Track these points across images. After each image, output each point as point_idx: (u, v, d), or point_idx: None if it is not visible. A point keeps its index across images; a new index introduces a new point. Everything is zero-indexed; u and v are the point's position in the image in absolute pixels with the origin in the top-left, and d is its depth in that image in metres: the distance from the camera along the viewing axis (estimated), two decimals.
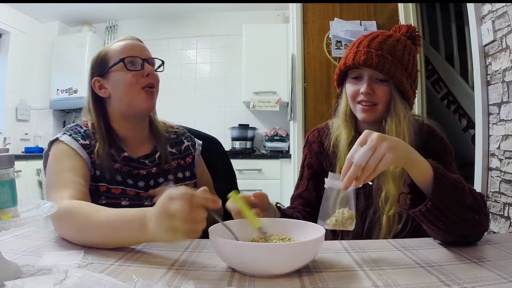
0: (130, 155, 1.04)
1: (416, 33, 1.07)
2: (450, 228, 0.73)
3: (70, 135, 0.99)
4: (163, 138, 1.12)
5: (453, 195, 0.71)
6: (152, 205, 0.96)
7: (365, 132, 0.72)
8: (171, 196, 0.64)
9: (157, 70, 1.08)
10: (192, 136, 1.24)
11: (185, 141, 1.19)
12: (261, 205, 0.84)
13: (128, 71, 1.00)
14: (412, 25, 1.08)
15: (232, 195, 0.77)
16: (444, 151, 1.01)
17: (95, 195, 0.96)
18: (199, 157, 1.20)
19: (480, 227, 0.77)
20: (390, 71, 0.97)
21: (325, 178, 0.76)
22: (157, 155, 1.09)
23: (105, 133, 1.02)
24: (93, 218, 0.75)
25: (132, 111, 1.03)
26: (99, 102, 1.06)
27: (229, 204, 0.80)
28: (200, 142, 1.24)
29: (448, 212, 0.71)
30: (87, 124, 1.06)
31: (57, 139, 0.99)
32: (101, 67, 1.05)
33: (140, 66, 1.02)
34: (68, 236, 0.79)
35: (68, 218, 0.77)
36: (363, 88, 0.99)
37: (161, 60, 1.10)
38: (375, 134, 0.70)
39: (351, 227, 0.73)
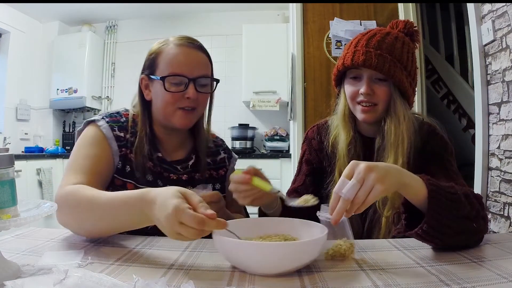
0: (164, 157, 1.02)
1: (414, 29, 1.05)
2: (448, 242, 0.72)
3: (108, 122, 0.97)
4: (203, 147, 1.09)
5: (449, 210, 0.69)
6: None
7: (352, 163, 0.68)
8: (180, 219, 0.59)
9: (204, 92, 1.00)
10: (229, 148, 1.21)
11: (222, 152, 1.16)
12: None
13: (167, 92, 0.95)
14: (410, 20, 1.06)
15: (236, 171, 0.83)
16: (445, 150, 1.01)
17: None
18: (232, 171, 1.14)
19: (479, 233, 0.76)
20: (390, 71, 0.95)
21: (317, 211, 0.74)
22: (190, 162, 1.06)
23: (148, 131, 1.00)
24: (97, 198, 0.75)
25: (168, 124, 1.00)
26: (144, 100, 1.03)
27: (231, 176, 0.83)
28: (236, 156, 1.20)
29: (445, 229, 0.69)
30: (127, 114, 1.03)
31: (94, 121, 0.97)
32: (150, 68, 1.00)
33: (183, 87, 0.95)
34: (70, 219, 0.78)
35: (72, 200, 0.76)
36: (362, 88, 0.98)
37: (215, 79, 1.03)
38: (362, 165, 0.66)
39: (353, 255, 0.70)
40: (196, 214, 0.59)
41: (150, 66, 0.99)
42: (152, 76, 0.98)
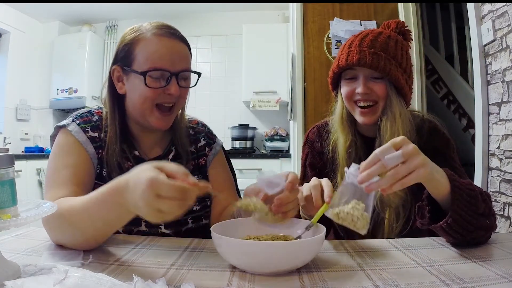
0: (141, 155, 0.96)
1: (406, 28, 1.05)
2: (467, 237, 0.73)
3: (79, 124, 0.91)
4: (183, 138, 1.02)
5: (469, 206, 0.71)
6: None
7: (403, 139, 0.67)
8: (158, 192, 0.54)
9: (186, 86, 0.93)
10: (213, 134, 1.12)
11: (201, 139, 1.07)
12: None
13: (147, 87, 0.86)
14: (401, 20, 1.07)
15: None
16: (447, 148, 1.01)
17: None
18: (214, 157, 1.07)
19: (491, 229, 0.77)
20: (385, 68, 0.95)
21: (345, 168, 0.72)
22: (170, 156, 1.00)
23: (119, 129, 0.92)
24: (73, 206, 0.69)
25: (143, 122, 0.93)
26: (115, 94, 0.94)
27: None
28: (221, 142, 1.12)
29: (466, 224, 0.71)
30: (100, 112, 0.96)
31: (64, 126, 0.90)
32: (124, 59, 0.90)
33: (165, 82, 0.87)
34: (59, 236, 0.73)
35: (55, 217, 0.69)
36: (359, 88, 0.97)
37: (197, 72, 0.94)
38: (412, 145, 0.66)
39: (363, 230, 0.67)
40: (175, 183, 0.55)
41: (125, 57, 0.89)
42: (128, 69, 0.89)
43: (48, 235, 0.76)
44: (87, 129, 0.91)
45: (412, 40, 1.09)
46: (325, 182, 0.78)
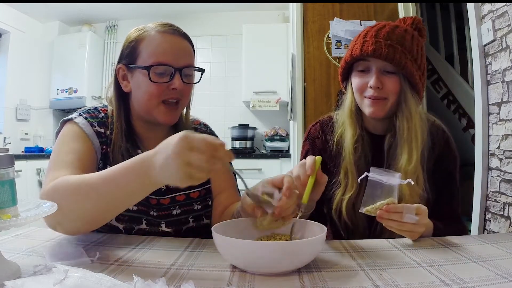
0: None
1: (422, 25, 1.02)
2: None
3: (86, 118, 0.91)
4: None
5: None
6: (157, 216, 0.95)
7: (424, 209, 0.80)
8: (191, 144, 0.58)
9: (189, 82, 0.94)
10: (214, 134, 1.12)
11: None
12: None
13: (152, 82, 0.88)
14: (418, 17, 1.03)
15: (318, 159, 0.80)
16: (455, 167, 1.02)
17: None
18: None
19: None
20: (400, 62, 0.91)
21: (370, 172, 0.80)
22: None
23: (125, 127, 0.93)
24: (89, 177, 0.69)
25: (149, 118, 0.94)
26: (121, 92, 0.95)
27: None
28: (223, 143, 1.14)
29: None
30: (106, 110, 0.97)
31: (71, 119, 0.90)
32: (129, 57, 0.92)
33: (169, 77, 0.88)
34: (63, 213, 0.66)
35: (62, 190, 0.68)
36: (372, 81, 0.93)
37: (200, 69, 0.95)
38: (427, 220, 0.81)
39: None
40: (206, 136, 0.60)
41: (130, 54, 0.91)
42: (132, 66, 0.90)
43: (44, 217, 0.70)
44: (94, 124, 0.91)
45: (426, 37, 1.05)
46: (307, 158, 0.80)
